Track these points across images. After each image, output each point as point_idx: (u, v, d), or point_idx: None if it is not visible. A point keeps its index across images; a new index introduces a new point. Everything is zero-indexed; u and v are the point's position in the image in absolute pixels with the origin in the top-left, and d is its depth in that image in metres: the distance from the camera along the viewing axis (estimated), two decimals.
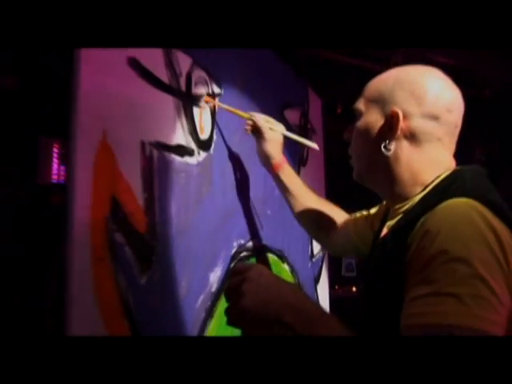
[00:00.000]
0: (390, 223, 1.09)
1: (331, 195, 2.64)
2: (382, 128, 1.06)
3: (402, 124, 1.03)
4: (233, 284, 0.92)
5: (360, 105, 1.12)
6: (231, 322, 0.93)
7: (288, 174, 1.75)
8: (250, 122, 1.79)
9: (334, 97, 3.02)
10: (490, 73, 3.31)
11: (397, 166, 1.06)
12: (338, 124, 1.30)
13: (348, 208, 1.72)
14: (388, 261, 0.94)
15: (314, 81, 2.84)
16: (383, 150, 1.05)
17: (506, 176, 3.62)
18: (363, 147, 1.11)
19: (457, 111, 1.07)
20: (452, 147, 1.10)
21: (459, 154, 1.09)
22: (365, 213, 1.57)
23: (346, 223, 1.64)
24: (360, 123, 1.11)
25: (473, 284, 0.76)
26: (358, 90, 1.17)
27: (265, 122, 1.75)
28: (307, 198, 1.74)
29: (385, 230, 1.12)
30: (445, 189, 0.95)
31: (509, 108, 3.63)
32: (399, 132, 1.04)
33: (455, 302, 0.76)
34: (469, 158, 3.48)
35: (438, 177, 1.02)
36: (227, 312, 0.93)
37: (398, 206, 1.07)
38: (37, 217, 2.99)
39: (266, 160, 1.78)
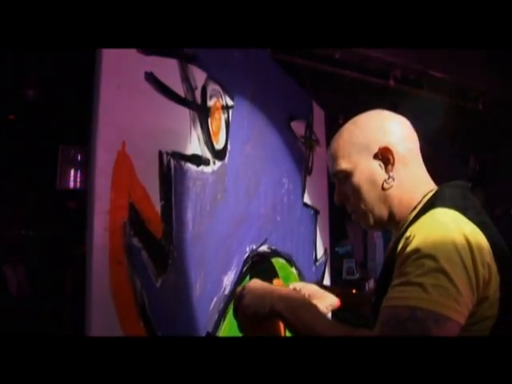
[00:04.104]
0: (391, 244, 1.19)
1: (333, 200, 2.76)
2: (380, 166, 1.14)
3: (394, 152, 1.12)
4: (236, 296, 1.14)
5: (343, 165, 1.16)
6: (239, 322, 1.13)
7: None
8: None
9: (336, 108, 3.11)
10: (482, 87, 3.44)
11: (399, 190, 1.15)
12: None
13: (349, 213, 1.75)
14: (387, 271, 1.06)
15: (317, 93, 2.95)
16: (389, 181, 1.14)
17: (497, 181, 3.83)
18: (369, 196, 1.16)
19: (414, 131, 1.20)
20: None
21: (455, 162, 1.16)
22: None
23: None
24: (356, 178, 1.15)
25: (436, 276, 0.91)
26: (359, 102, 1.21)
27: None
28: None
29: (388, 251, 1.21)
30: (429, 204, 1.07)
31: (500, 120, 3.84)
32: (396, 160, 1.12)
33: (420, 290, 0.91)
34: (463, 166, 3.59)
35: (425, 195, 1.12)
36: (236, 318, 1.13)
37: (399, 227, 1.17)
38: (54, 221, 3.10)
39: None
